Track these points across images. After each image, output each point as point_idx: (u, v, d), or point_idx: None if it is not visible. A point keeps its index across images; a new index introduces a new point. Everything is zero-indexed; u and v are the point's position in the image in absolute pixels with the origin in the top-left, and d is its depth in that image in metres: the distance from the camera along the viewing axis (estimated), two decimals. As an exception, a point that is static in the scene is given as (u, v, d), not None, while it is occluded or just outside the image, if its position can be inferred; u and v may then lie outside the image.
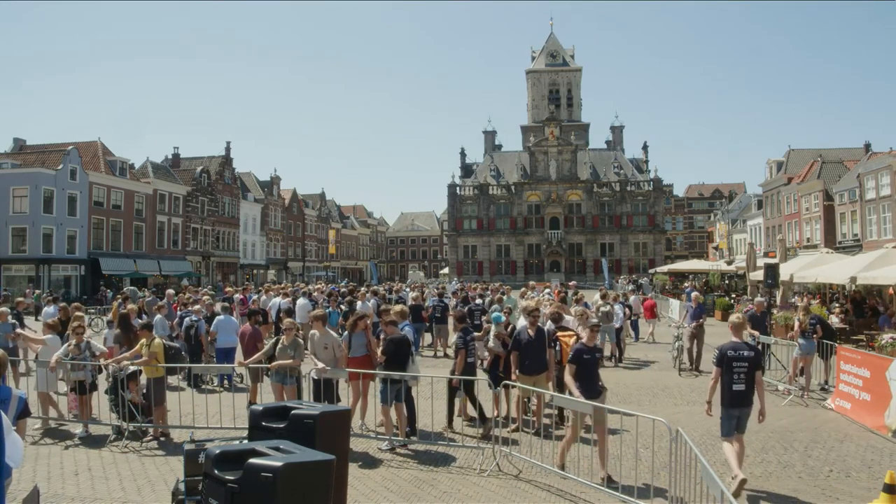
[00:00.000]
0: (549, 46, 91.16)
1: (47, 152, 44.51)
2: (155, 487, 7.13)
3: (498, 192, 78.45)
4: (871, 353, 11.91)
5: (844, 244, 40.86)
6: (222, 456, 3.97)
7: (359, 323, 9.62)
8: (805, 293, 23.07)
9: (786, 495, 6.93)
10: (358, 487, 7.05)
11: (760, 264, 26.03)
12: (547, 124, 78.06)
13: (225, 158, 61.88)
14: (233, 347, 12.65)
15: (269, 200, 70.59)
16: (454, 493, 7.01)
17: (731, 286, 41.61)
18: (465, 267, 76.74)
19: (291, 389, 9.01)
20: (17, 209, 40.69)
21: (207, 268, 58.20)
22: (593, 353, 7.78)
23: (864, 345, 15.68)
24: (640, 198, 76.84)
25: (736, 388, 6.91)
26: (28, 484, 6.52)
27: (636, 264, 73.71)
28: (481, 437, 8.87)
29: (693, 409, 10.76)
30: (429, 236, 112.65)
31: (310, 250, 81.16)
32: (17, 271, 41.69)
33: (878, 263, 17.56)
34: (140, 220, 49.33)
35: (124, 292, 20.29)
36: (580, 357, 7.54)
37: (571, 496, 6.89)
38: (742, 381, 6.91)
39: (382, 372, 8.63)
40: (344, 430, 5.26)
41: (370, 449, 8.61)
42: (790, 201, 50.82)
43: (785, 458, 8.27)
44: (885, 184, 37.53)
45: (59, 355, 9.56)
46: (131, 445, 8.77)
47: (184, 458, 5.12)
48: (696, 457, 5.30)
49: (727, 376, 6.96)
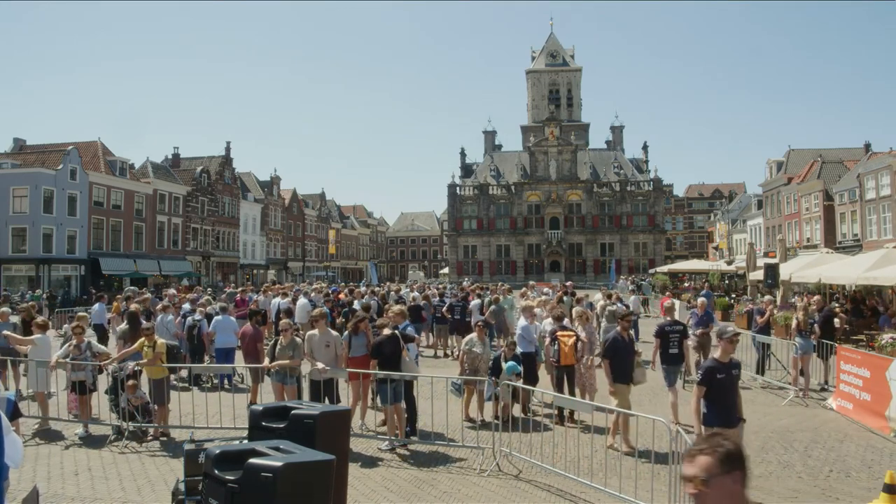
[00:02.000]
0: (549, 46, 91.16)
1: (47, 152, 44.48)
2: (155, 487, 7.12)
3: (498, 192, 78.44)
4: (872, 354, 11.91)
5: (844, 244, 40.85)
6: (222, 456, 3.96)
7: (360, 325, 9.63)
8: (805, 293, 23.05)
9: (786, 495, 6.93)
10: (358, 487, 7.05)
11: (760, 264, 26.05)
12: (547, 124, 78.03)
13: (225, 158, 61.86)
14: (232, 348, 12.66)
15: (269, 200, 70.57)
16: (454, 493, 7.01)
17: (730, 286, 41.60)
18: (465, 267, 76.71)
19: (291, 389, 9.02)
20: (17, 209, 40.66)
21: (207, 268, 58.18)
22: (729, 370, 6.22)
23: (864, 345, 15.68)
24: (640, 198, 76.81)
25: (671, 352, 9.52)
26: (28, 484, 6.52)
27: (636, 264, 73.68)
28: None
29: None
30: (429, 236, 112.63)
31: (310, 250, 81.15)
32: (17, 271, 41.66)
33: (880, 263, 17.56)
34: (140, 220, 49.31)
35: (127, 292, 20.28)
36: (712, 377, 6.07)
37: (571, 496, 6.89)
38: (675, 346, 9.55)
39: (381, 372, 8.63)
40: (344, 430, 5.26)
41: (370, 449, 8.61)
42: (790, 201, 50.81)
43: (785, 458, 8.27)
44: (885, 184, 37.52)
45: (60, 355, 9.56)
46: (131, 445, 8.77)
47: (184, 458, 5.13)
48: (696, 457, 5.28)
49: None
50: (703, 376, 6.16)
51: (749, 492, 2.17)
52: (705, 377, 6.10)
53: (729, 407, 6.04)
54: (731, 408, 6.07)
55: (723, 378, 6.04)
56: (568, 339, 9.67)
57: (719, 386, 6.02)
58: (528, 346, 10.78)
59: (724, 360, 6.25)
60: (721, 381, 6.03)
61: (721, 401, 6.02)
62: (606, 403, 8.09)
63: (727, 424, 5.86)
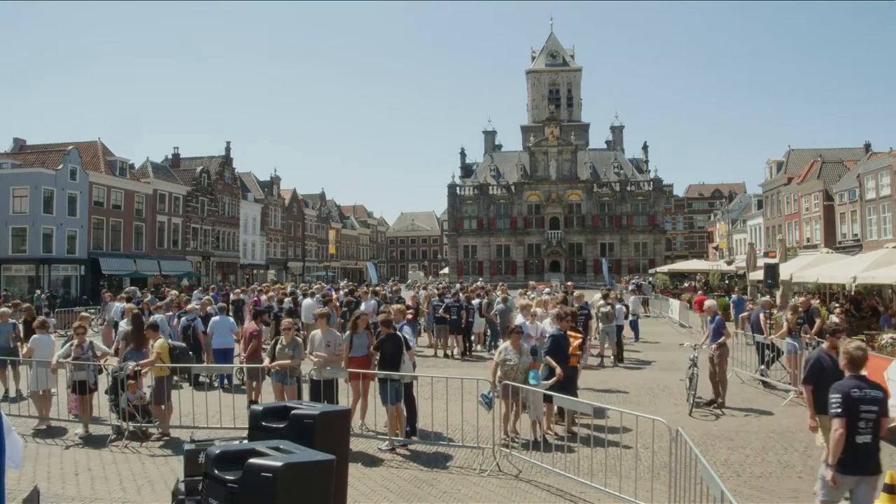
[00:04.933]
0: (549, 46, 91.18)
1: (47, 152, 44.43)
2: (155, 487, 7.12)
3: (498, 192, 78.42)
4: (871, 353, 11.89)
5: (844, 244, 40.84)
6: (222, 456, 3.97)
7: (359, 322, 9.63)
8: (805, 293, 23.05)
9: (786, 495, 6.93)
10: (358, 487, 7.05)
11: (760, 264, 26.05)
12: (547, 124, 78.02)
13: (225, 158, 61.84)
14: (230, 348, 12.65)
15: (269, 200, 70.55)
16: (454, 493, 7.01)
17: (730, 286, 41.58)
18: (465, 267, 76.70)
19: (291, 389, 9.02)
20: (17, 209, 40.62)
21: (207, 268, 58.17)
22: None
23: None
24: (640, 198, 76.80)
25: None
26: (28, 484, 6.52)
27: (636, 264, 73.67)
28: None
29: (693, 409, 10.74)
30: (429, 236, 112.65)
31: (310, 250, 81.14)
32: (17, 271, 41.62)
33: (880, 263, 17.56)
34: (140, 220, 49.29)
35: (128, 292, 20.27)
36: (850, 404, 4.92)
37: (571, 496, 6.89)
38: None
39: (382, 372, 8.63)
40: (344, 430, 5.26)
41: (370, 449, 8.61)
42: (790, 201, 50.81)
43: (785, 458, 8.26)
44: (885, 184, 37.52)
45: (61, 355, 9.57)
46: (131, 445, 8.77)
47: (184, 458, 5.12)
48: (696, 457, 5.30)
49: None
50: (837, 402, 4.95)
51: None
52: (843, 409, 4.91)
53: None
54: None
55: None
56: (574, 339, 9.65)
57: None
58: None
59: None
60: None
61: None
62: (607, 403, 8.08)
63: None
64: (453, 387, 10.27)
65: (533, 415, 8.45)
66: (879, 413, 5.06)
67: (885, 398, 5.22)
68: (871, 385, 5.18)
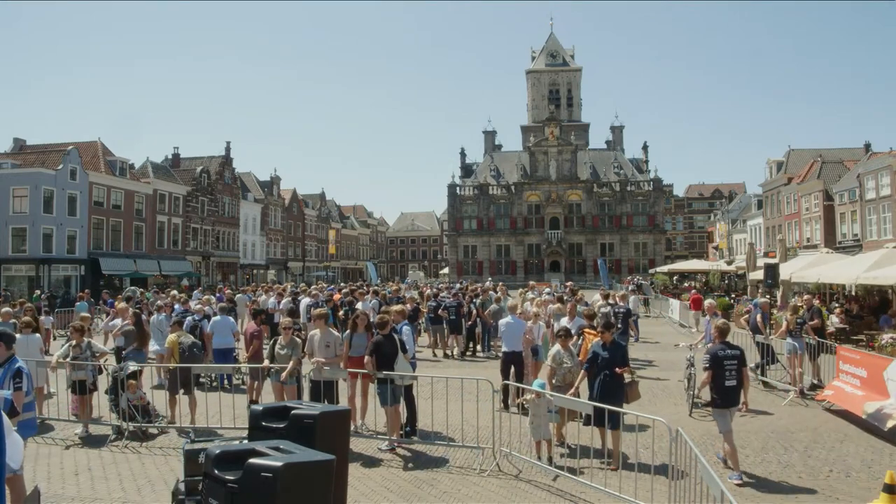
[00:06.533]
0: (549, 46, 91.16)
1: (47, 152, 44.44)
2: (155, 487, 7.13)
3: (498, 192, 78.40)
4: (871, 353, 11.91)
5: (844, 244, 40.84)
6: (222, 456, 3.97)
7: (359, 322, 9.62)
8: (805, 293, 23.07)
9: (786, 495, 6.93)
10: (358, 487, 7.05)
11: (760, 264, 26.06)
12: (547, 124, 77.99)
13: (225, 158, 61.83)
14: (230, 348, 12.65)
15: (269, 200, 70.54)
16: (454, 493, 7.01)
17: (730, 286, 41.63)
18: (465, 267, 76.68)
19: (291, 389, 9.01)
20: (17, 209, 40.63)
21: (207, 268, 58.16)
22: None
23: (864, 345, 15.70)
24: (640, 198, 76.77)
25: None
26: (28, 484, 6.51)
27: (636, 264, 73.64)
28: None
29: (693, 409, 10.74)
30: (429, 236, 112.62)
31: (310, 250, 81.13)
32: (17, 271, 41.63)
33: (880, 263, 17.57)
34: (140, 220, 49.29)
35: (127, 292, 20.29)
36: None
37: (571, 496, 6.89)
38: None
39: (381, 372, 8.62)
40: (344, 430, 5.26)
41: (370, 449, 8.60)
42: (790, 201, 50.80)
43: (785, 458, 8.26)
44: (885, 184, 37.51)
45: (60, 355, 9.56)
46: (131, 445, 8.77)
47: (184, 458, 5.12)
48: (696, 457, 5.30)
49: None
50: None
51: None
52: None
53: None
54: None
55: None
56: (593, 337, 9.55)
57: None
58: (516, 344, 10.81)
59: None
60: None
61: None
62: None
63: None
64: (453, 387, 10.28)
65: (537, 435, 7.96)
66: (739, 364, 7.57)
67: (741, 354, 7.72)
68: (731, 347, 7.76)
